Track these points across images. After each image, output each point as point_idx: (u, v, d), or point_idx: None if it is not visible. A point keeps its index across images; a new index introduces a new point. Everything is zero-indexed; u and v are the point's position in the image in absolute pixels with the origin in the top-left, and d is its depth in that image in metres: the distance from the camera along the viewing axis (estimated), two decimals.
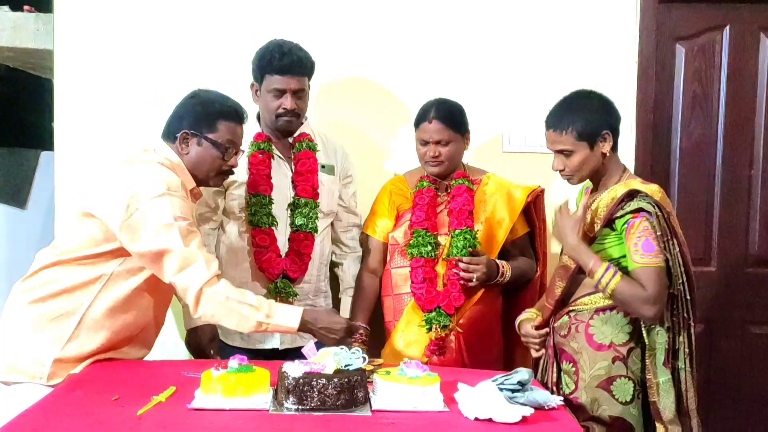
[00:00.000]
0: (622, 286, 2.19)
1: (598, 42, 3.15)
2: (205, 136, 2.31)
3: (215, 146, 2.32)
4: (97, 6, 3.13)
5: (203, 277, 2.13)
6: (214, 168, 2.34)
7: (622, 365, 2.26)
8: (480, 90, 3.13)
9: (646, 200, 2.24)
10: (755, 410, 3.32)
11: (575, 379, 2.29)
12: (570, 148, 2.31)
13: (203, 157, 2.32)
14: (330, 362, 1.92)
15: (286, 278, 2.71)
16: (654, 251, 2.20)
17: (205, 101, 2.37)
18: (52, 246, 2.31)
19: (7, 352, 2.23)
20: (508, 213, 2.76)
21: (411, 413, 1.88)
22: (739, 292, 3.30)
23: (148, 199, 2.14)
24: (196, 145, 2.32)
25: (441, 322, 2.63)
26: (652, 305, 2.18)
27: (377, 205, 2.90)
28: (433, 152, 2.70)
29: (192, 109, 2.36)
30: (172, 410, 1.86)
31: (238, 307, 2.15)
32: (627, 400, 2.25)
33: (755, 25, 3.23)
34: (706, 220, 3.29)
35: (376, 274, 2.85)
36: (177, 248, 2.13)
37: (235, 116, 2.37)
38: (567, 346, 2.34)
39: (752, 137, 3.27)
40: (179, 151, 2.32)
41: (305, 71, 2.71)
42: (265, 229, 2.69)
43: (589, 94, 2.40)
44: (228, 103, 2.39)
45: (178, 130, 2.31)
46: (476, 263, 2.62)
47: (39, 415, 1.82)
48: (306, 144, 2.78)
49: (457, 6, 3.15)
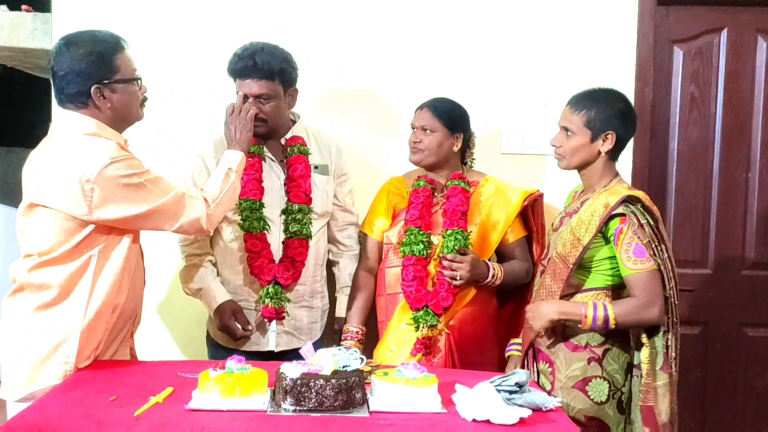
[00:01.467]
0: (619, 311, 2.23)
1: (596, 44, 3.15)
2: (116, 81, 2.21)
3: (130, 82, 2.25)
4: (95, 6, 3.12)
5: (201, 206, 2.26)
6: (139, 102, 2.30)
7: (597, 366, 2.29)
8: (478, 91, 3.13)
9: (631, 208, 2.25)
10: (751, 412, 3.32)
11: (551, 380, 2.33)
12: (574, 129, 2.35)
13: (126, 101, 2.24)
14: (328, 363, 1.92)
15: (278, 284, 2.69)
16: (645, 255, 2.22)
17: (91, 49, 2.20)
18: (26, 255, 2.22)
19: (23, 366, 2.16)
20: (503, 216, 2.76)
21: (409, 414, 1.87)
22: (735, 295, 3.30)
23: (98, 171, 2.08)
24: (112, 93, 2.21)
25: (428, 321, 2.62)
26: (650, 308, 2.22)
27: (375, 205, 2.90)
28: (415, 138, 2.73)
29: (85, 62, 2.19)
30: (169, 411, 1.85)
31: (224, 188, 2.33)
32: (602, 400, 2.29)
33: (753, 28, 3.24)
34: (703, 223, 3.30)
35: (372, 273, 2.85)
36: (158, 202, 2.16)
37: (121, 45, 2.26)
38: (543, 346, 2.37)
39: (749, 140, 3.28)
40: (94, 112, 2.21)
41: (266, 75, 2.60)
42: (256, 234, 2.67)
43: (620, 97, 2.42)
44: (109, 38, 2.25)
45: (81, 88, 2.18)
46: (460, 261, 2.61)
47: (36, 416, 1.82)
48: (298, 148, 2.75)
49: (455, 7, 3.15)
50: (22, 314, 2.19)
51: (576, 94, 2.43)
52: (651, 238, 2.24)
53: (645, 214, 2.25)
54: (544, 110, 2.79)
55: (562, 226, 2.41)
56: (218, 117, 2.66)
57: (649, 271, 2.22)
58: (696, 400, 3.26)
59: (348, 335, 2.74)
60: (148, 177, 2.17)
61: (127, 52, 2.28)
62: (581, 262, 2.30)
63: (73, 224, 2.15)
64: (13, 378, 2.18)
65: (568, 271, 2.31)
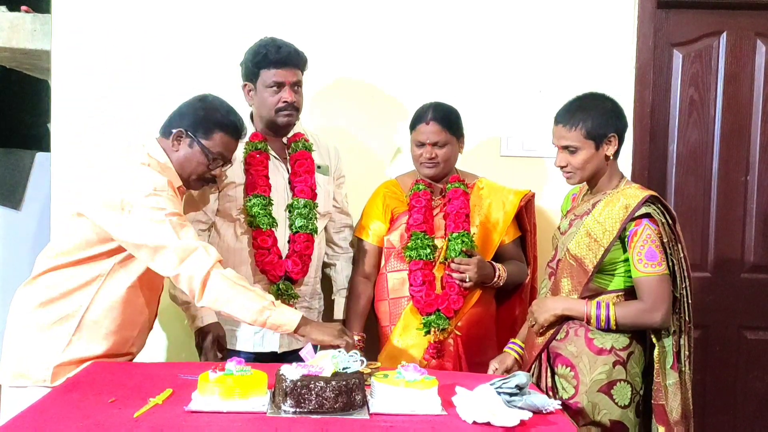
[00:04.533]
0: (621, 312, 2.25)
1: (595, 47, 3.16)
2: (199, 141, 2.33)
3: (205, 153, 2.33)
4: (95, 7, 3.12)
5: (208, 262, 2.15)
6: (198, 172, 2.36)
7: (622, 369, 2.28)
8: (477, 94, 3.13)
9: (652, 207, 2.25)
10: (750, 415, 3.32)
11: (575, 384, 2.30)
12: (576, 145, 2.32)
13: (190, 160, 2.34)
14: (328, 365, 1.91)
15: (288, 280, 2.69)
16: (657, 259, 2.22)
17: (210, 107, 2.38)
18: (49, 248, 2.34)
19: (14, 357, 2.28)
20: (502, 216, 2.78)
21: (409, 416, 1.87)
22: (735, 298, 3.30)
23: (138, 198, 2.18)
24: (187, 147, 2.34)
25: (440, 325, 2.63)
26: (653, 313, 2.23)
27: (370, 209, 2.88)
28: (429, 154, 2.70)
29: (195, 111, 2.37)
30: (168, 412, 1.85)
31: (244, 292, 2.16)
32: (626, 403, 2.28)
33: (752, 32, 3.25)
34: (702, 226, 3.30)
35: (369, 279, 2.84)
36: (172, 242, 2.16)
37: (234, 131, 2.38)
38: (563, 350, 2.34)
39: (748, 143, 3.29)
40: (170, 147, 2.34)
41: (300, 64, 2.71)
42: (266, 230, 2.67)
43: (603, 96, 2.42)
44: (230, 117, 2.40)
45: (176, 126, 2.34)
46: (467, 263, 2.63)
47: (35, 417, 1.81)
48: (302, 144, 2.77)
49: (454, 10, 3.15)
50: (26, 306, 2.29)
51: (560, 110, 2.39)
52: (669, 237, 2.25)
53: (665, 213, 2.27)
54: (543, 113, 2.80)
55: (572, 228, 2.39)
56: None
57: (659, 275, 2.23)
58: (695, 403, 3.20)
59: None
60: (175, 218, 2.19)
61: (234, 142, 2.39)
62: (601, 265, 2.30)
63: (96, 238, 2.24)
64: (6, 365, 2.30)
65: (587, 275, 2.31)
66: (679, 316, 2.29)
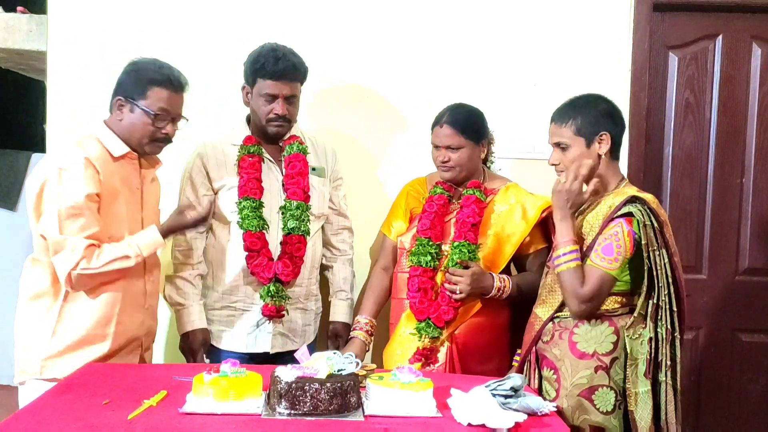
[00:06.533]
0: (568, 275, 2.24)
1: (591, 50, 3.16)
2: (137, 103, 2.31)
3: (146, 113, 2.31)
4: (91, 7, 3.12)
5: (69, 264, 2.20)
6: (146, 135, 2.34)
7: (604, 375, 2.23)
8: (475, 96, 3.10)
9: (637, 207, 2.24)
10: (745, 417, 3.33)
11: (556, 387, 2.28)
12: (567, 142, 2.33)
13: (135, 124, 2.33)
14: (323, 367, 1.91)
15: (279, 282, 2.70)
16: (611, 256, 2.21)
17: (140, 68, 2.36)
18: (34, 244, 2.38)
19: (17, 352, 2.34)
20: (519, 228, 2.68)
21: (404, 418, 1.87)
22: (730, 300, 3.30)
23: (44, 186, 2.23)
24: (129, 112, 2.33)
25: (429, 333, 2.60)
26: (579, 302, 2.23)
27: (395, 207, 2.89)
28: (443, 157, 2.68)
29: (127, 75, 2.35)
30: (163, 414, 1.85)
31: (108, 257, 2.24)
32: (608, 410, 2.23)
33: (747, 34, 3.26)
34: (698, 228, 3.30)
35: (387, 271, 2.84)
36: (51, 234, 2.22)
37: (168, 83, 2.34)
38: (549, 352, 2.32)
39: (744, 145, 3.29)
40: (115, 121, 2.33)
41: (298, 77, 2.70)
42: (256, 232, 2.67)
43: (599, 97, 2.42)
44: (162, 71, 2.36)
45: (113, 97, 2.33)
46: (460, 275, 2.57)
47: (29, 419, 1.81)
48: (296, 147, 2.76)
49: (452, 13, 3.16)
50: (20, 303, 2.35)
51: (556, 109, 2.41)
52: (651, 241, 2.23)
53: (650, 215, 2.24)
54: (539, 115, 2.80)
55: None
56: (217, 117, 2.65)
57: (603, 271, 2.21)
58: (690, 405, 3.26)
59: (357, 326, 2.72)
60: (67, 210, 2.21)
61: (175, 95, 2.36)
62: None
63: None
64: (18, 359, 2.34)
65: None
66: (660, 324, 2.24)
